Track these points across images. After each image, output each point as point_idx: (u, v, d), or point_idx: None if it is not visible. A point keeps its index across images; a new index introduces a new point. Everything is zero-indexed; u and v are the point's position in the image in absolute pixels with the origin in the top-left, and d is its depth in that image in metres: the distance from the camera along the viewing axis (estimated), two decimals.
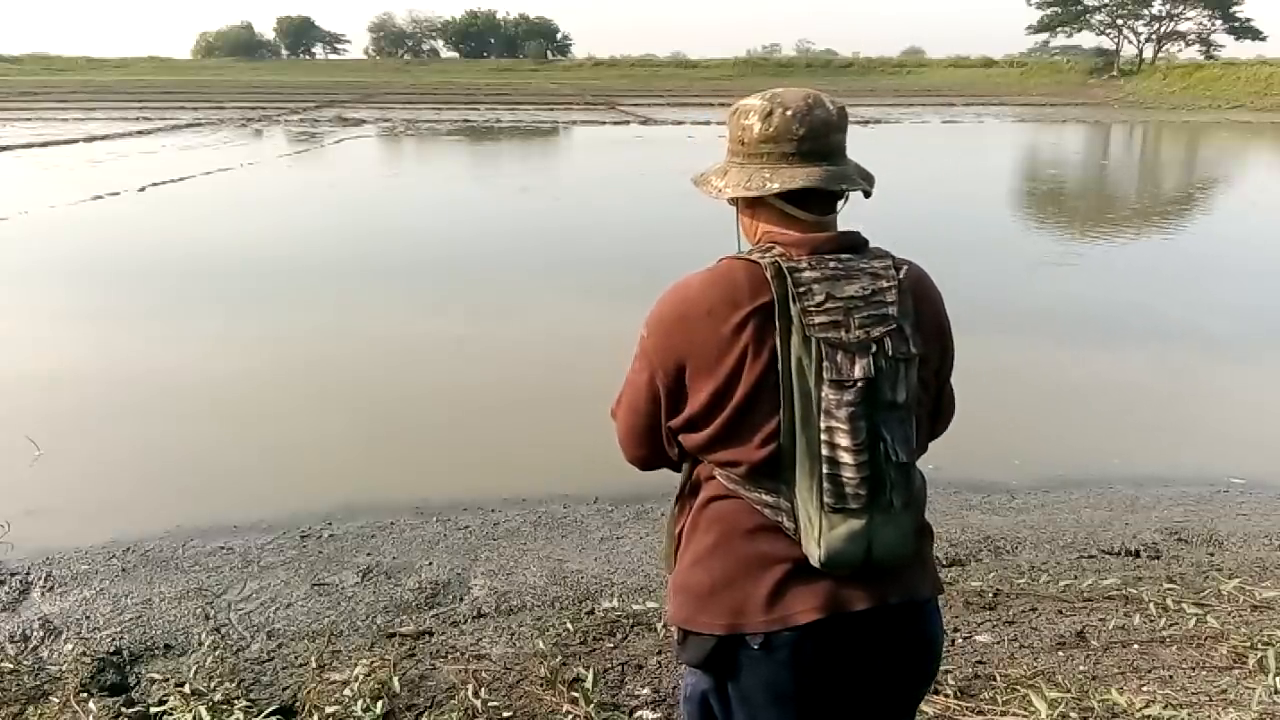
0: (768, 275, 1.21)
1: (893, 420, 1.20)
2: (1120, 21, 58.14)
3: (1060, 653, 2.61)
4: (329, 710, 2.30)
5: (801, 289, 1.20)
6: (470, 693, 2.39)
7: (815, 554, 1.21)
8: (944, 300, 1.34)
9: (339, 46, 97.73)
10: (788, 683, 1.24)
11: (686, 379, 1.27)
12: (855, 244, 1.27)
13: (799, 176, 1.24)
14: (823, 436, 1.19)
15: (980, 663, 2.57)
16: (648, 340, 1.31)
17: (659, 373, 1.29)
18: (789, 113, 1.25)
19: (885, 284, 1.22)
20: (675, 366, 1.27)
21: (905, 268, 1.26)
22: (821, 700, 1.26)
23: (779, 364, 1.20)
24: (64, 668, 2.53)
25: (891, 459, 1.20)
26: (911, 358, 1.21)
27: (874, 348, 1.19)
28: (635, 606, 2.86)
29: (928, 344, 1.27)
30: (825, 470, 1.19)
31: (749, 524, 1.26)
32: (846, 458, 1.18)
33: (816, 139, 1.25)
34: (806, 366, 1.19)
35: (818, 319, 1.19)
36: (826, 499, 1.19)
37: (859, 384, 1.18)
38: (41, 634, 2.74)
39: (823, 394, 1.18)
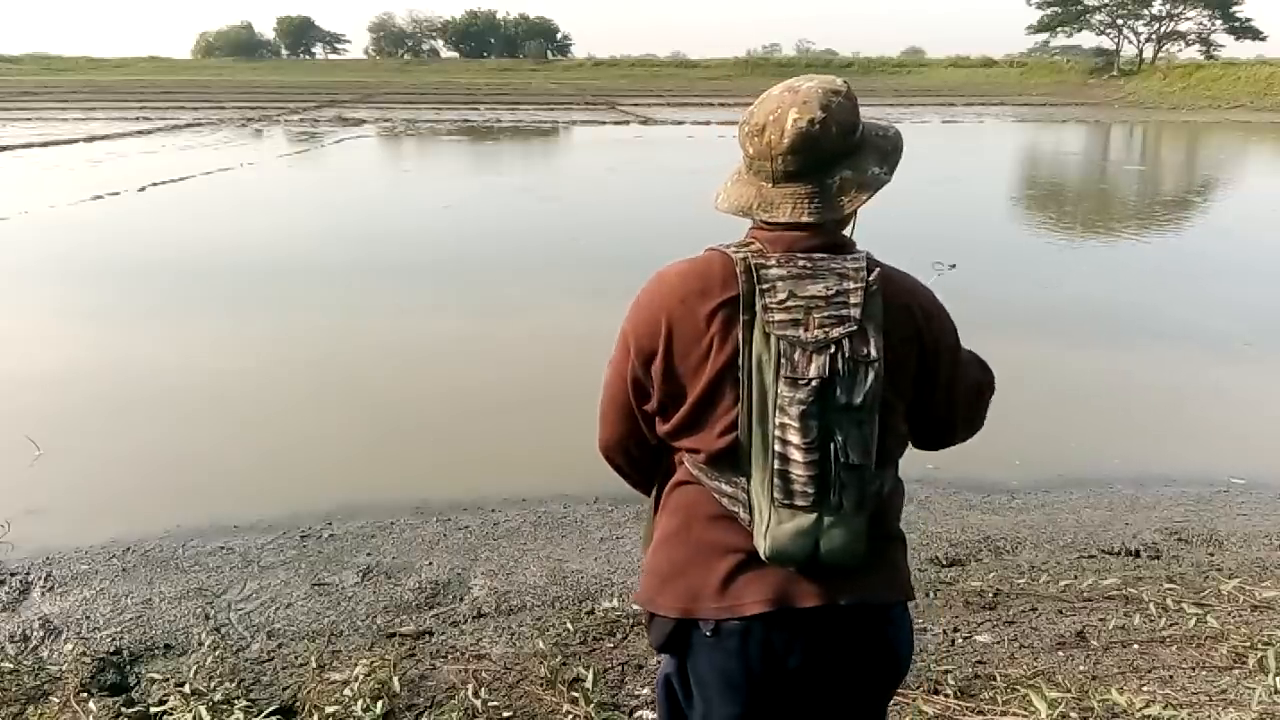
0: (737, 270, 1.23)
1: (847, 422, 1.19)
2: (1120, 21, 58.12)
3: (1060, 653, 2.62)
4: (329, 710, 2.31)
5: (765, 285, 1.22)
6: (470, 692, 2.39)
7: (762, 547, 1.23)
8: (936, 306, 1.32)
9: (339, 46, 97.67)
10: (737, 671, 1.27)
11: (659, 364, 1.29)
12: (834, 245, 1.27)
13: (729, 196, 1.30)
14: (775, 432, 1.20)
15: (980, 663, 2.57)
16: (626, 325, 1.34)
17: (634, 357, 1.32)
18: (746, 129, 1.27)
19: (852, 285, 1.21)
20: (650, 351, 1.30)
21: (878, 270, 1.24)
22: (772, 692, 1.28)
23: (740, 358, 1.22)
24: (64, 667, 2.53)
25: (841, 460, 1.19)
26: (872, 361, 1.20)
27: (833, 348, 1.19)
28: (635, 606, 2.86)
29: (900, 348, 1.25)
30: (776, 466, 1.20)
31: (708, 511, 1.29)
32: (796, 455, 1.19)
33: (765, 160, 1.25)
34: (765, 362, 1.20)
35: (778, 316, 1.20)
36: (776, 494, 1.21)
37: (813, 383, 1.18)
38: (41, 634, 2.75)
39: (779, 390, 1.19)
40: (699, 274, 1.27)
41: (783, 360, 1.19)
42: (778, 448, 1.20)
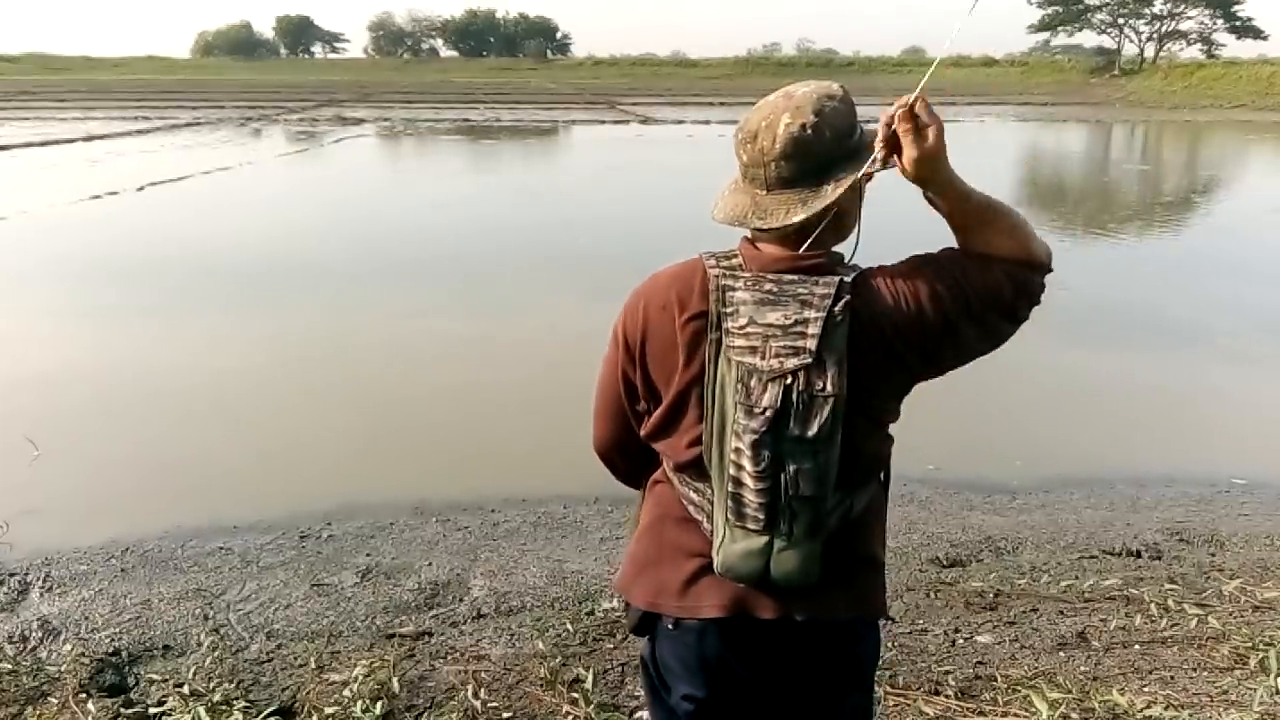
0: (710, 287, 1.23)
1: (800, 454, 1.18)
2: (1121, 21, 58.11)
3: (1061, 653, 2.61)
4: (328, 711, 2.30)
5: (729, 309, 1.21)
6: (470, 693, 2.38)
7: (716, 562, 1.26)
8: (908, 308, 1.21)
9: (338, 45, 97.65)
10: (694, 663, 1.32)
11: (638, 364, 1.32)
12: (813, 266, 1.22)
13: (720, 205, 1.28)
14: (731, 456, 1.21)
15: (981, 663, 2.57)
16: (617, 323, 1.35)
17: (622, 354, 1.34)
18: (740, 135, 1.25)
19: (813, 314, 1.18)
20: (633, 350, 1.32)
21: (845, 300, 1.18)
22: (728, 686, 1.32)
23: (706, 375, 1.23)
24: (63, 668, 2.52)
25: (791, 492, 1.19)
26: (829, 396, 1.17)
27: (788, 379, 1.17)
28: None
29: (877, 369, 1.22)
30: (730, 488, 1.21)
31: (678, 513, 1.33)
32: (748, 481, 1.20)
33: (759, 166, 1.23)
34: (727, 385, 1.21)
35: (738, 341, 1.20)
36: (730, 514, 1.23)
37: (766, 413, 1.17)
38: (40, 634, 2.74)
39: (736, 416, 1.20)
40: (682, 282, 1.28)
41: (739, 386, 1.19)
42: (732, 471, 1.21)
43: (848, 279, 1.21)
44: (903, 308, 1.22)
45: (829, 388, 1.17)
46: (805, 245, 1.23)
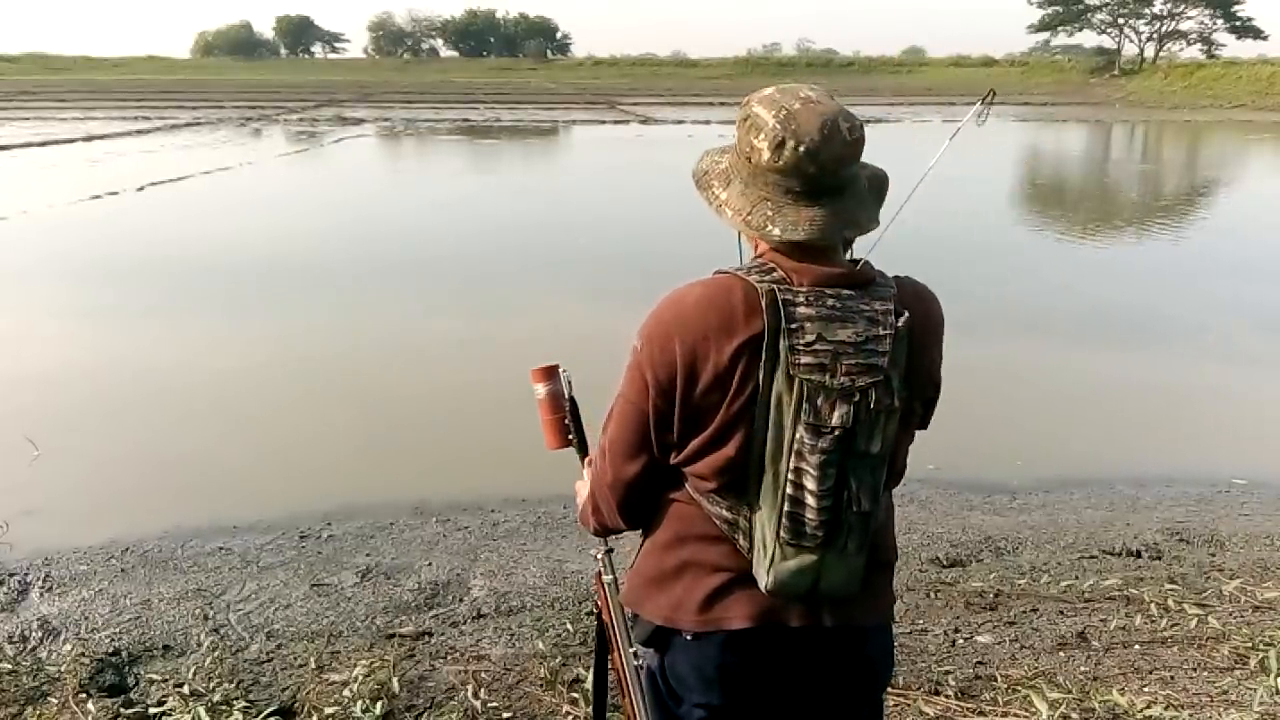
0: (763, 303, 1.18)
1: (863, 469, 1.19)
2: (1121, 21, 58.18)
3: (1061, 653, 2.61)
4: (328, 711, 2.30)
5: (794, 325, 1.17)
6: (470, 693, 2.39)
7: (763, 580, 1.23)
8: (943, 329, 1.29)
9: (338, 45, 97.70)
10: (712, 672, 1.29)
11: (679, 398, 1.24)
12: (861, 279, 1.21)
13: (803, 224, 1.19)
14: (789, 476, 1.18)
15: (981, 663, 2.57)
16: (641, 352, 1.26)
17: (653, 391, 1.26)
18: (801, 148, 1.16)
19: (881, 331, 1.18)
20: (669, 385, 1.24)
21: (905, 316, 1.19)
22: (744, 694, 1.30)
23: (759, 396, 1.19)
24: (63, 668, 2.52)
25: (854, 509, 1.19)
26: (894, 411, 1.18)
27: (857, 396, 1.16)
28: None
29: (915, 394, 1.24)
30: (787, 508, 1.19)
31: (701, 530, 1.29)
32: (810, 500, 1.18)
33: (826, 175, 1.19)
34: (785, 404, 1.17)
35: (804, 359, 1.16)
36: (784, 533, 1.20)
37: (835, 432, 1.16)
38: (40, 634, 2.74)
39: (797, 435, 1.17)
40: (719, 306, 1.21)
41: (805, 405, 1.16)
42: (790, 490, 1.18)
43: (894, 291, 1.22)
44: (929, 311, 1.27)
45: (895, 402, 1.18)
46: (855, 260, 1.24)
